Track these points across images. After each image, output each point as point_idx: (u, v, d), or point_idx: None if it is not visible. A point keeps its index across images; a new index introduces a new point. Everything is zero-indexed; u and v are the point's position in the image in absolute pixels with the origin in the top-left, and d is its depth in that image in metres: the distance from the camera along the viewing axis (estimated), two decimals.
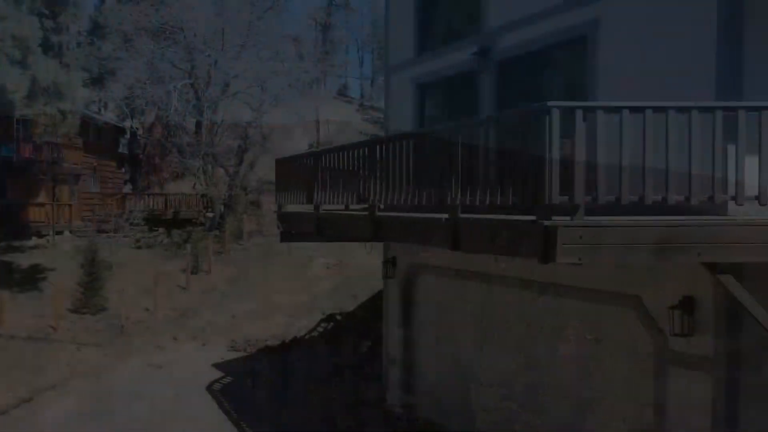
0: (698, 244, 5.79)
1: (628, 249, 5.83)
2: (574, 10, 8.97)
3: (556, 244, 5.79)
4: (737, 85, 7.06)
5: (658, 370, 7.86)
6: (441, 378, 12.19)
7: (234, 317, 23.12)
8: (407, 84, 12.77)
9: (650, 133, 5.78)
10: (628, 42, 8.29)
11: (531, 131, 6.00)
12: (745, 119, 5.87)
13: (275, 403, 14.12)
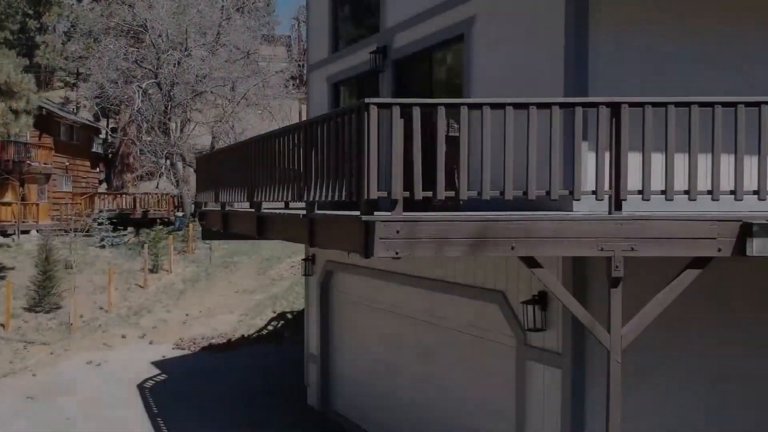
0: (512, 238, 5.86)
1: (444, 243, 5.89)
2: (455, 9, 9.04)
3: (374, 239, 5.87)
4: (582, 84, 7.14)
5: (519, 366, 7.93)
6: (356, 376, 12.26)
7: (188, 316, 23.19)
8: (323, 82, 12.86)
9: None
10: (498, 39, 8.36)
11: (353, 128, 6.08)
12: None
13: (199, 400, 14.18)
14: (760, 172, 5.83)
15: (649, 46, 7.25)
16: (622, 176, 5.86)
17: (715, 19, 7.36)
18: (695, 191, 5.85)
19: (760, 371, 7.49)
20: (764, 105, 5.80)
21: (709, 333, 7.37)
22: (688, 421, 7.34)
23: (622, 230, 5.85)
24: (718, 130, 5.80)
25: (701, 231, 5.86)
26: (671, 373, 7.32)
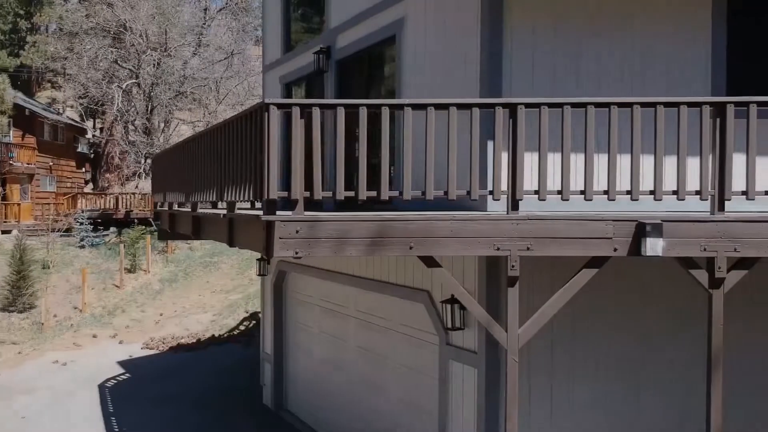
0: (410, 238, 5.90)
1: (343, 242, 5.93)
2: (388, 9, 9.08)
3: (273, 239, 5.91)
4: (496, 85, 7.17)
5: (442, 364, 7.97)
6: (307, 375, 12.29)
7: (162, 315, 23.23)
8: (276, 82, 12.89)
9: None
10: (425, 40, 8.40)
11: (255, 129, 6.12)
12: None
13: (157, 399, 14.20)
14: (656, 172, 5.86)
15: (562, 48, 7.27)
16: (518, 176, 5.89)
17: (623, 23, 7.36)
18: (591, 191, 5.89)
19: (663, 366, 7.52)
20: (659, 105, 5.83)
21: (618, 329, 7.41)
22: (600, 416, 7.39)
23: (518, 230, 5.89)
24: (614, 131, 5.83)
25: (597, 231, 5.90)
26: (586, 369, 7.36)
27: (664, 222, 5.83)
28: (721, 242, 5.85)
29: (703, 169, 5.84)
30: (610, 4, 7.27)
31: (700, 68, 7.24)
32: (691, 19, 7.27)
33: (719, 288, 5.90)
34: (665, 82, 7.23)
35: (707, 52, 7.22)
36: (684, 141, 5.81)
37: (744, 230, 5.85)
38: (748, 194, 5.85)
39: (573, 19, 7.26)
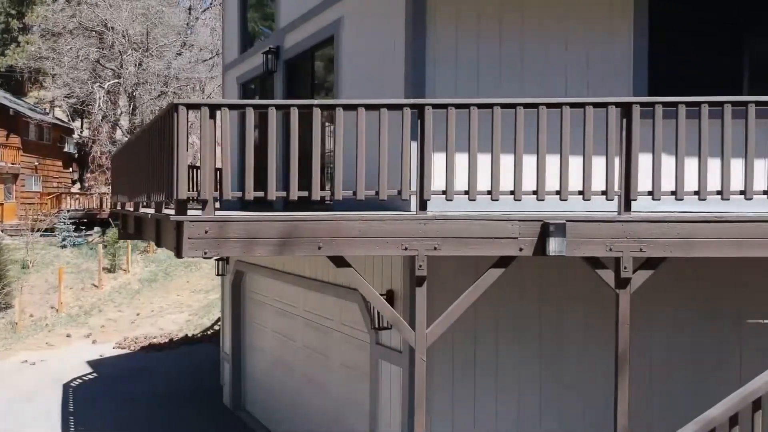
0: (319, 238, 5.92)
1: (253, 242, 5.95)
2: (327, 10, 9.11)
3: (183, 239, 5.93)
4: (420, 85, 7.19)
5: (373, 363, 8.00)
6: (261, 375, 12.32)
7: (138, 315, 23.25)
8: (234, 83, 12.92)
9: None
10: (360, 41, 8.42)
11: (167, 129, 6.15)
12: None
13: (120, 399, 14.21)
14: (561, 173, 5.88)
15: (485, 49, 7.28)
16: (425, 176, 5.91)
17: (545, 23, 7.37)
18: (497, 192, 5.90)
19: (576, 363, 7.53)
20: (565, 106, 5.85)
21: (543, 327, 7.43)
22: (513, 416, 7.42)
23: (425, 230, 5.91)
24: (520, 132, 5.85)
25: (503, 231, 5.91)
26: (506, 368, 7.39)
27: (569, 222, 5.85)
28: (627, 242, 5.87)
29: (609, 169, 5.87)
30: (532, 5, 7.28)
31: (622, 68, 7.26)
32: (612, 18, 7.28)
33: (626, 288, 5.92)
34: (587, 82, 7.25)
35: (629, 52, 7.24)
36: (590, 141, 5.83)
37: (649, 230, 5.87)
38: (654, 194, 5.87)
39: (496, 20, 7.28)
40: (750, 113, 5.79)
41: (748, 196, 5.85)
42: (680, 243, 5.87)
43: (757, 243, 5.84)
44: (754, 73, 7.35)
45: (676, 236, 5.86)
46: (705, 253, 5.90)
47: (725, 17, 7.41)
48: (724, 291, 7.29)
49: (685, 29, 7.43)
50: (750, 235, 5.84)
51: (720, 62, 7.41)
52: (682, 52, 7.40)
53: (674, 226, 5.87)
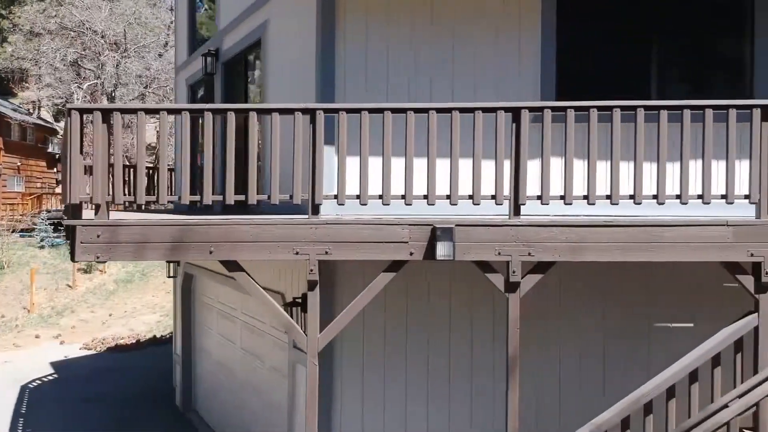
0: (211, 242, 5.94)
1: (144, 246, 5.97)
2: (256, 12, 9.13)
3: (75, 243, 5.96)
4: (330, 93, 7.21)
5: (290, 366, 8.03)
6: (208, 377, 12.34)
7: (110, 316, 23.26)
8: (184, 84, 12.94)
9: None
10: (282, 44, 8.44)
11: (65, 133, 6.17)
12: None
13: (75, 400, 14.24)
14: (451, 177, 5.90)
15: (394, 54, 7.30)
16: (317, 181, 5.93)
17: (454, 29, 7.38)
18: (389, 196, 5.92)
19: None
20: (455, 111, 5.87)
21: (453, 330, 7.44)
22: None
23: (316, 234, 5.93)
24: (410, 136, 5.86)
25: (394, 235, 5.93)
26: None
27: (459, 226, 5.87)
28: (516, 246, 5.89)
29: (498, 173, 5.89)
30: (442, 11, 7.29)
31: (530, 71, 7.27)
32: (521, 20, 7.28)
33: (515, 292, 5.94)
34: (496, 88, 7.26)
35: (536, 55, 7.25)
36: (479, 146, 5.85)
37: (538, 234, 5.89)
38: (543, 199, 5.89)
39: (406, 24, 7.30)
40: (639, 118, 5.80)
41: (637, 201, 5.87)
42: (569, 247, 5.89)
43: (644, 247, 5.86)
44: (662, 76, 7.37)
45: (564, 240, 5.88)
46: (593, 258, 5.92)
47: (634, 19, 7.42)
48: (635, 293, 7.30)
49: (594, 32, 7.45)
50: (637, 239, 5.86)
51: (628, 65, 7.43)
52: (590, 55, 7.42)
53: (563, 231, 5.89)
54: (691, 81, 7.47)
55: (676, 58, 7.48)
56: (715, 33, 7.52)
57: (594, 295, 7.33)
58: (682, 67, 7.50)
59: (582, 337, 7.36)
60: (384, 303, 7.26)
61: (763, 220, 5.83)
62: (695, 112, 5.81)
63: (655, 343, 7.25)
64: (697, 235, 5.85)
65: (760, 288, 5.84)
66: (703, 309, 7.13)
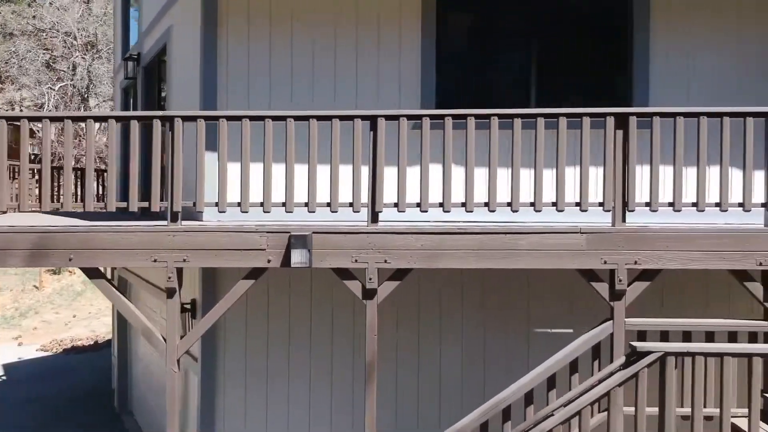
0: (70, 249, 5.96)
1: (5, 254, 6.00)
2: (163, 17, 9.15)
3: None
4: (212, 98, 7.24)
5: (183, 370, 8.04)
6: (141, 380, 12.37)
7: (75, 317, 23.26)
8: (118, 88, 12.96)
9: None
10: (182, 51, 8.46)
11: None
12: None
13: (15, 402, 14.26)
14: (309, 184, 5.92)
15: (277, 60, 7.33)
16: (175, 187, 5.95)
17: (335, 34, 7.39)
18: (247, 204, 5.94)
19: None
20: (312, 119, 5.89)
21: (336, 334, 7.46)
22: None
23: (174, 242, 5.96)
24: (269, 143, 5.88)
25: (251, 243, 5.96)
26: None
27: (317, 234, 5.90)
28: (372, 254, 5.91)
29: (354, 180, 5.91)
30: (323, 17, 7.30)
31: (411, 78, 7.29)
32: (402, 29, 7.29)
33: (372, 299, 5.96)
34: (377, 93, 7.28)
35: (417, 65, 7.26)
36: (336, 153, 5.88)
37: (394, 242, 5.91)
38: (399, 206, 5.92)
39: (286, 31, 7.31)
40: (493, 125, 5.82)
41: (491, 208, 5.90)
42: (425, 254, 5.91)
43: (500, 254, 5.88)
44: (541, 83, 7.39)
45: (420, 247, 5.91)
46: (449, 265, 5.95)
47: (514, 29, 7.45)
48: (516, 299, 7.32)
49: (474, 39, 7.48)
50: (491, 246, 5.88)
51: (508, 74, 7.45)
52: (470, 63, 7.44)
53: (419, 238, 5.91)
54: (573, 88, 7.48)
55: (556, 67, 7.49)
56: (596, 41, 7.54)
57: (474, 297, 7.34)
58: (562, 75, 7.51)
59: (462, 339, 7.38)
60: (267, 307, 7.31)
61: (616, 228, 5.86)
62: (549, 120, 5.85)
63: (534, 345, 7.26)
64: (552, 242, 5.88)
65: (614, 295, 5.87)
66: (580, 311, 7.13)
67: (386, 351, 7.20)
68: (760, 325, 5.84)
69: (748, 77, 7.13)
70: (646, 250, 5.81)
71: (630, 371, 5.26)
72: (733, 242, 5.78)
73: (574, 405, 5.32)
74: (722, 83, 7.13)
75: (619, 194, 5.85)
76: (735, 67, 7.15)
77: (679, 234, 5.82)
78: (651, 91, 7.10)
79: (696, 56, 7.15)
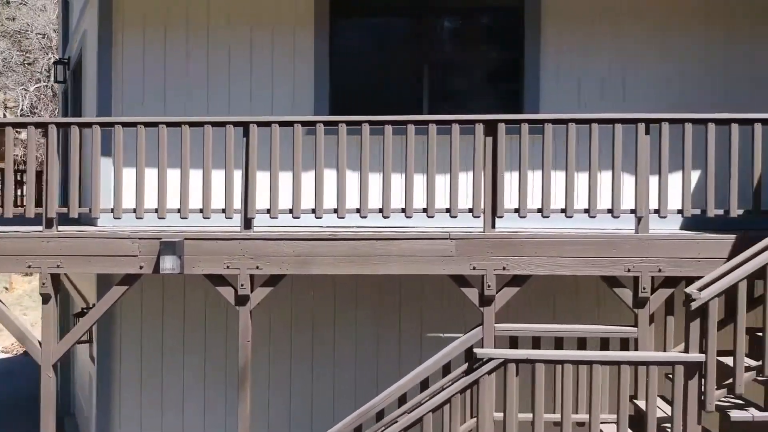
0: None
1: None
2: (81, 21, 9.15)
3: None
4: (107, 104, 7.27)
5: (89, 376, 8.08)
6: (79, 382, 12.40)
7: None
8: (59, 91, 12.97)
9: None
10: (91, 56, 8.47)
11: None
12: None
13: None
14: (182, 188, 5.94)
15: (172, 65, 7.34)
16: (49, 193, 5.97)
17: (227, 40, 7.40)
18: (120, 210, 5.97)
19: None
20: (185, 125, 5.91)
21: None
22: None
23: (47, 248, 5.98)
24: (162, 149, 5.90)
25: (123, 249, 5.97)
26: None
27: (188, 240, 5.92)
28: (244, 260, 5.93)
29: (227, 187, 5.93)
30: (218, 23, 7.31)
31: (305, 84, 7.30)
32: (296, 32, 7.28)
33: (245, 305, 5.98)
34: (271, 99, 7.30)
35: (311, 72, 7.27)
36: (208, 159, 5.90)
37: (266, 248, 5.93)
38: (271, 212, 5.94)
39: (181, 38, 7.33)
40: (364, 131, 5.85)
41: (362, 214, 5.92)
42: (297, 260, 5.93)
43: (371, 260, 5.89)
44: (434, 89, 7.41)
45: (292, 254, 5.92)
46: (322, 271, 5.96)
47: (408, 34, 7.47)
48: (409, 305, 7.32)
49: (368, 45, 7.51)
50: (363, 252, 5.89)
51: (401, 81, 7.47)
52: (364, 69, 7.46)
53: (291, 244, 5.93)
54: (467, 94, 7.51)
55: (451, 72, 7.51)
56: (490, 46, 7.56)
57: (364, 301, 7.35)
58: (456, 81, 7.54)
59: (354, 344, 7.38)
60: (162, 312, 7.35)
61: (485, 234, 5.88)
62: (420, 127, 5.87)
63: (427, 354, 7.24)
64: (423, 248, 5.89)
65: (483, 301, 5.88)
66: (472, 315, 7.14)
67: (281, 354, 7.25)
68: (629, 331, 5.85)
69: (635, 83, 7.15)
70: (514, 256, 5.83)
71: (471, 378, 5.27)
72: (602, 248, 5.79)
73: (416, 412, 5.33)
74: (610, 90, 7.14)
75: (489, 200, 5.86)
76: (622, 72, 7.16)
77: (547, 240, 5.84)
78: (542, 97, 7.11)
79: (586, 63, 7.16)
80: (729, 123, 5.78)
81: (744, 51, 7.19)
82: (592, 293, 6.88)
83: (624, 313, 6.05)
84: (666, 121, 5.78)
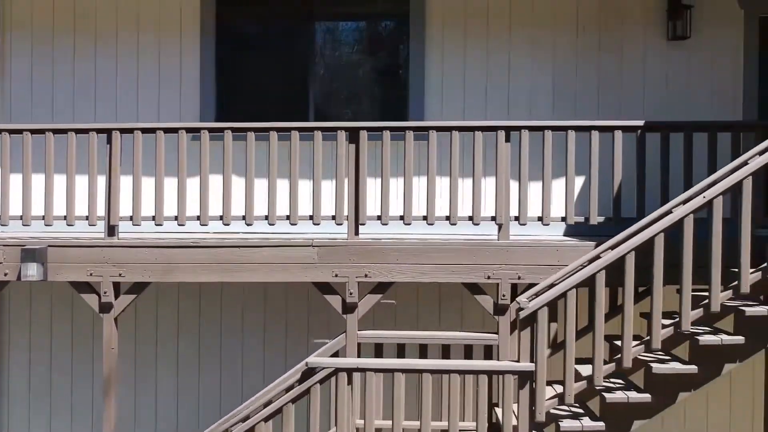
0: None
1: None
2: None
3: None
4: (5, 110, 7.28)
5: None
6: None
7: None
8: None
9: None
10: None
11: None
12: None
13: None
14: (46, 195, 5.94)
15: (59, 69, 7.34)
16: None
17: (113, 44, 7.40)
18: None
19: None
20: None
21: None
22: None
23: None
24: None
25: None
26: None
27: (53, 247, 5.91)
28: (107, 267, 5.92)
29: (90, 194, 5.93)
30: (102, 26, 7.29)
31: (191, 90, 7.28)
32: (182, 44, 7.24)
33: (109, 312, 5.96)
34: (158, 103, 7.29)
35: (197, 80, 7.25)
36: (72, 167, 5.91)
37: (129, 256, 5.92)
38: (134, 220, 5.93)
39: (68, 44, 7.32)
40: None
41: (225, 222, 5.92)
42: (161, 268, 5.92)
43: (235, 267, 5.87)
44: (321, 94, 7.40)
45: (154, 261, 5.91)
46: (184, 278, 5.96)
47: (295, 38, 7.44)
48: (297, 311, 7.30)
49: (255, 51, 7.50)
50: (226, 259, 5.88)
51: (288, 87, 7.46)
52: (252, 75, 7.44)
53: (153, 251, 5.92)
54: (353, 101, 7.51)
55: (336, 80, 7.51)
56: (378, 52, 7.56)
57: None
58: (343, 89, 7.53)
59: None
60: (50, 320, 7.35)
61: (348, 240, 5.87)
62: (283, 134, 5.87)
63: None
64: (286, 255, 5.88)
65: (346, 308, 5.87)
66: None
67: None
68: (491, 338, 5.85)
69: (517, 90, 7.13)
70: (377, 263, 5.82)
71: (303, 387, 5.26)
72: (463, 255, 5.78)
73: (249, 422, 5.32)
74: (494, 97, 7.13)
75: (352, 207, 5.85)
76: (504, 79, 7.15)
77: (410, 247, 5.83)
78: (427, 105, 7.09)
79: (470, 70, 7.13)
80: (590, 130, 5.79)
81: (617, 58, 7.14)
82: (457, 300, 6.86)
83: (487, 321, 6.05)
84: (526, 129, 5.78)
